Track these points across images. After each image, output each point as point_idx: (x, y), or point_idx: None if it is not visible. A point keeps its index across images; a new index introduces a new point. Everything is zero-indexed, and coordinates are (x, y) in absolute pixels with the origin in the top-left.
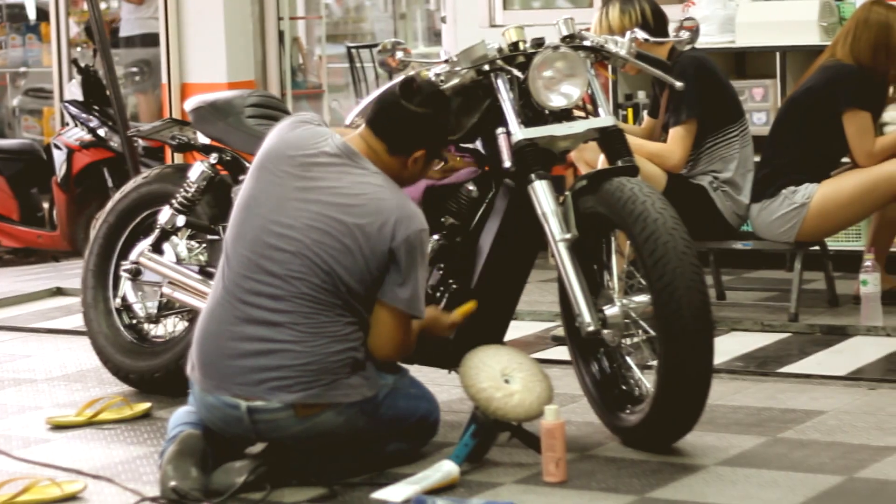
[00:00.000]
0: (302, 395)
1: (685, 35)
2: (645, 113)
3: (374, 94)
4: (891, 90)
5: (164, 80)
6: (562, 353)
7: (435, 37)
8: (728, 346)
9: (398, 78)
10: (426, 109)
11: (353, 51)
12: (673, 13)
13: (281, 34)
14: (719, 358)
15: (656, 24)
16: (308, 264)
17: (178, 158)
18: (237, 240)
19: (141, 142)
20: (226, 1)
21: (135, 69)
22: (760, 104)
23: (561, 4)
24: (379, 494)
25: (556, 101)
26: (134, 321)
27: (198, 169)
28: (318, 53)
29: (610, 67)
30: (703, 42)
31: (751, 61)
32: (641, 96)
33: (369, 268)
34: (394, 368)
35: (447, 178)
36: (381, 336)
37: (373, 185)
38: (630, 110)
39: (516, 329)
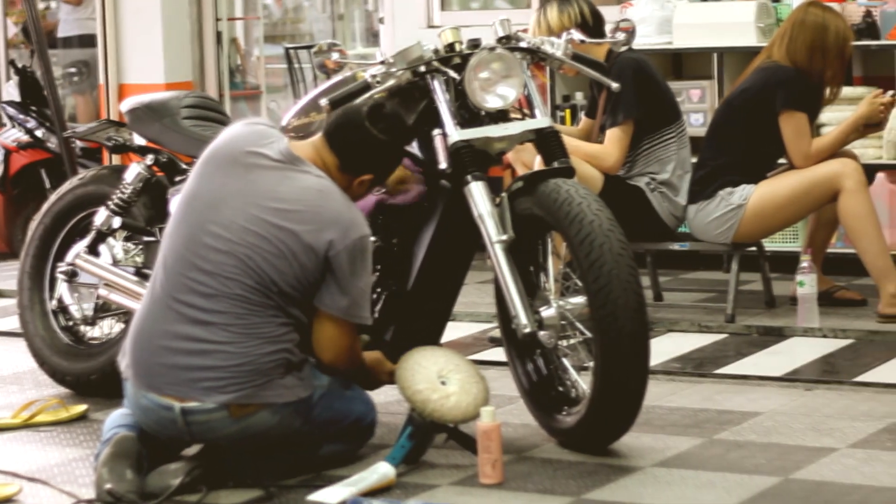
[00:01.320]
0: (235, 395)
1: (621, 36)
2: (582, 114)
3: (311, 94)
4: (827, 91)
5: (102, 80)
6: (499, 354)
7: (373, 38)
8: (665, 348)
9: (335, 79)
10: (387, 137)
11: (291, 52)
12: (611, 14)
13: (219, 35)
14: (656, 359)
15: (594, 25)
16: (241, 266)
17: (117, 160)
18: (174, 236)
19: (78, 143)
20: (163, 2)
21: (73, 70)
22: (698, 105)
23: (500, 5)
24: (315, 496)
25: (492, 102)
26: (70, 323)
27: (134, 170)
28: (256, 54)
29: (547, 69)
30: (640, 43)
31: (688, 62)
32: (579, 97)
33: (305, 274)
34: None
35: (397, 198)
36: (322, 343)
37: (312, 192)
38: (568, 111)
39: (454, 330)
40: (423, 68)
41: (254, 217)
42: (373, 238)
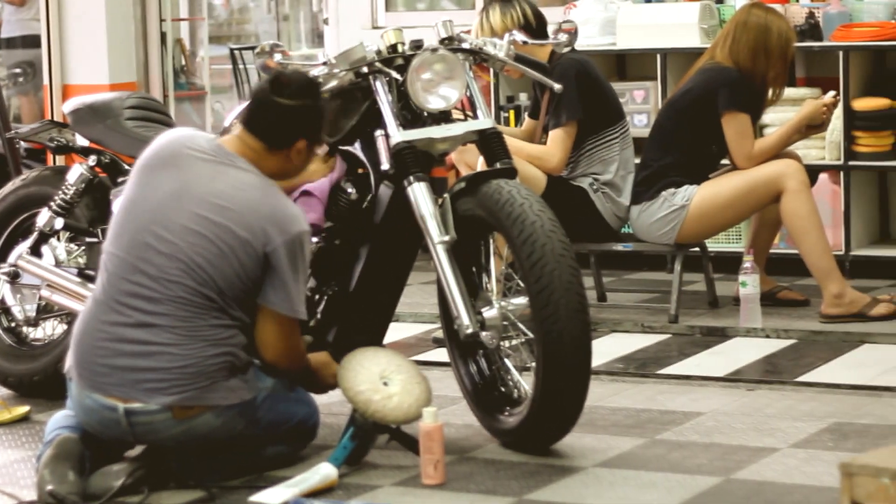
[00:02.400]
0: (179, 397)
1: (563, 38)
2: (526, 115)
3: None
4: (770, 92)
5: (46, 81)
6: (443, 355)
7: (318, 38)
8: (608, 348)
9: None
10: (299, 101)
11: (236, 52)
12: (555, 16)
13: (163, 36)
14: (599, 359)
15: (537, 26)
16: (183, 267)
17: (60, 160)
18: (115, 241)
19: (23, 143)
20: (107, 2)
21: (17, 70)
22: (641, 106)
23: (446, 6)
24: (257, 497)
25: (434, 103)
26: (12, 324)
27: (76, 171)
28: (201, 55)
29: (491, 70)
30: (584, 44)
31: (632, 63)
32: (523, 98)
33: (245, 271)
34: (274, 371)
35: (333, 168)
36: (264, 341)
37: (247, 188)
38: (512, 112)
39: (398, 331)
40: (365, 69)
41: (193, 215)
42: (315, 239)
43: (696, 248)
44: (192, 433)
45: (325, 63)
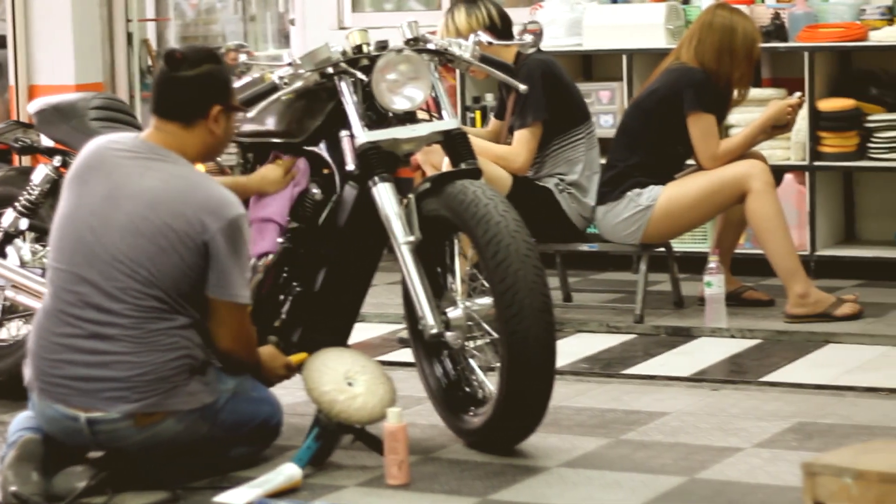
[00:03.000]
0: (140, 404)
1: (529, 38)
2: (492, 115)
3: None
4: (735, 93)
5: (12, 81)
6: (408, 355)
7: (285, 39)
8: (573, 348)
9: (243, 80)
10: (200, 69)
11: None
12: (521, 16)
13: (130, 36)
14: (564, 360)
15: (502, 27)
16: (126, 271)
17: (26, 161)
18: (56, 255)
19: None
20: (74, 2)
21: None
22: (607, 107)
23: (413, 7)
24: (221, 498)
25: (399, 103)
26: None
27: (41, 172)
28: None
29: (457, 72)
30: (550, 45)
31: (598, 64)
32: (490, 99)
33: (188, 264)
34: (236, 372)
35: (297, 181)
36: (218, 331)
37: (177, 179)
38: (478, 113)
39: (363, 331)
40: (330, 70)
41: (128, 216)
42: (280, 239)
43: (662, 249)
44: (155, 439)
45: (290, 64)
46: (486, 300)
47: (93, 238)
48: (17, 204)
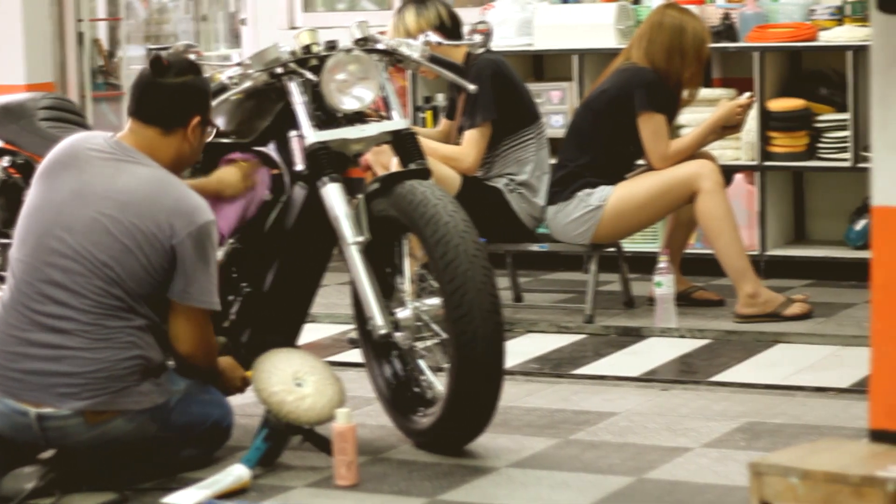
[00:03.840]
0: (91, 402)
1: (478, 38)
2: (443, 115)
3: None
4: (685, 93)
5: None
6: (357, 356)
7: (237, 39)
8: (523, 348)
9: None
10: (185, 78)
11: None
12: (472, 16)
13: (80, 35)
14: (514, 360)
15: (452, 27)
16: (90, 267)
17: None
18: (20, 247)
19: None
20: (24, 2)
21: None
22: (558, 107)
23: (366, 6)
24: (170, 499)
25: (348, 104)
26: None
27: None
28: (118, 55)
29: (408, 72)
30: (500, 45)
31: (548, 64)
32: (440, 99)
33: (152, 267)
34: (191, 376)
35: (255, 198)
36: (178, 335)
37: (149, 182)
38: (429, 113)
39: (314, 331)
40: (279, 70)
41: (96, 214)
42: (231, 241)
43: (612, 249)
44: (104, 437)
45: (238, 64)
46: (435, 300)
47: (58, 233)
48: None
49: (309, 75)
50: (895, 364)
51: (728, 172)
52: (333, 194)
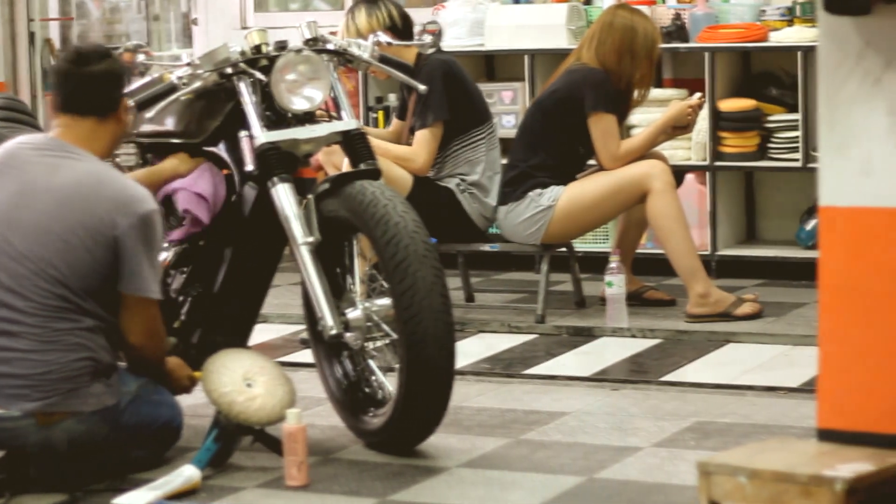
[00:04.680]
0: (41, 403)
1: (428, 39)
2: (394, 116)
3: None
4: (636, 93)
5: None
6: (309, 356)
7: (188, 39)
8: (475, 349)
9: (142, 80)
10: (106, 64)
11: None
12: (424, 16)
13: (32, 35)
14: (466, 360)
15: (403, 27)
16: (34, 269)
17: None
18: None
19: None
20: None
21: None
22: (509, 107)
23: (319, 6)
24: (120, 500)
25: (298, 104)
26: None
27: None
28: None
29: (360, 72)
30: (452, 45)
31: (500, 64)
32: (392, 99)
33: (97, 261)
34: (142, 370)
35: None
36: (128, 326)
37: (88, 176)
38: (381, 113)
39: (265, 332)
40: (229, 70)
41: (38, 213)
42: (180, 243)
43: (563, 249)
44: (55, 439)
45: (189, 64)
46: (386, 301)
47: (4, 235)
48: None
49: (259, 75)
50: (842, 364)
51: (679, 172)
52: (283, 195)
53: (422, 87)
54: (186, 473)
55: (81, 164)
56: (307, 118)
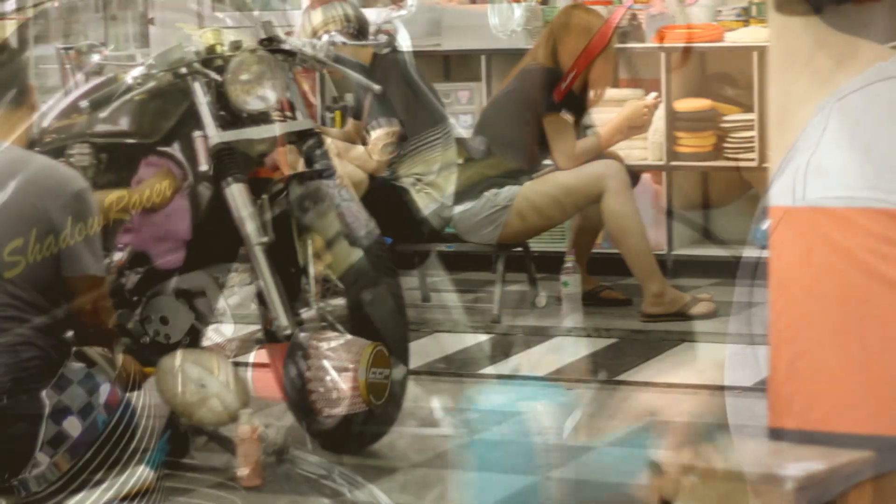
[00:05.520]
0: None
1: (383, 39)
2: (349, 116)
3: (71, 97)
4: (592, 93)
5: None
6: (264, 356)
7: (146, 39)
8: (430, 348)
9: (97, 80)
10: (8, 54)
11: (63, 52)
12: (381, 17)
13: None
14: (421, 359)
15: (359, 27)
16: None
17: None
18: None
19: None
20: None
21: None
22: (466, 107)
23: (276, 6)
24: (73, 501)
25: (253, 104)
26: None
27: None
28: (26, 54)
29: (318, 74)
30: (409, 45)
31: (456, 64)
32: (350, 99)
33: (36, 249)
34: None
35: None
36: (78, 306)
37: (9, 165)
38: (338, 113)
39: (220, 332)
40: (184, 70)
41: None
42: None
43: (519, 248)
44: (6, 442)
45: (143, 64)
46: (340, 301)
47: None
48: None
49: (213, 75)
50: (792, 363)
51: (635, 172)
52: (237, 195)
53: (377, 87)
54: (140, 474)
55: (4, 155)
56: (262, 118)
